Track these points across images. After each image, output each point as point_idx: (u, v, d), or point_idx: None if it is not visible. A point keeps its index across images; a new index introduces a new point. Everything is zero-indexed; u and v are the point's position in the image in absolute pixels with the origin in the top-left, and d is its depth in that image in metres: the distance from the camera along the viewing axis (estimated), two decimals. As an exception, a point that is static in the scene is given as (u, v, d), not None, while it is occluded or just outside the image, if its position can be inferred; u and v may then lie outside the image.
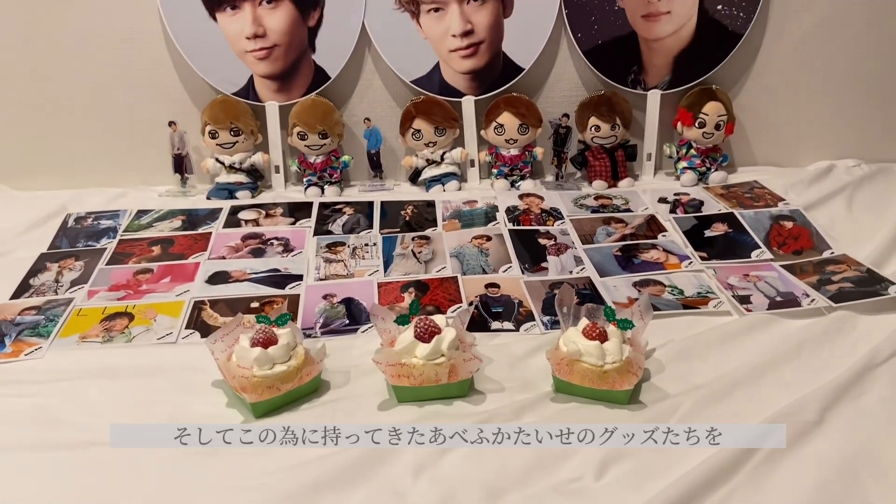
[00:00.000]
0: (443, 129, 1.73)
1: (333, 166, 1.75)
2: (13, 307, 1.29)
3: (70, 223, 1.60)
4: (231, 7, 1.63)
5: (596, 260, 1.42)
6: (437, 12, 1.66)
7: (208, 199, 1.72)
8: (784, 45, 1.72)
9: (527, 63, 1.71)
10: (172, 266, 1.42)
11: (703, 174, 1.74)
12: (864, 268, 1.33)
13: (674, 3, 1.65)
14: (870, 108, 1.78)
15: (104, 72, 1.69)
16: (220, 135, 1.69)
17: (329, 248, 1.49)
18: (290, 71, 1.70)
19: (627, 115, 1.73)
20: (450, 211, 1.64)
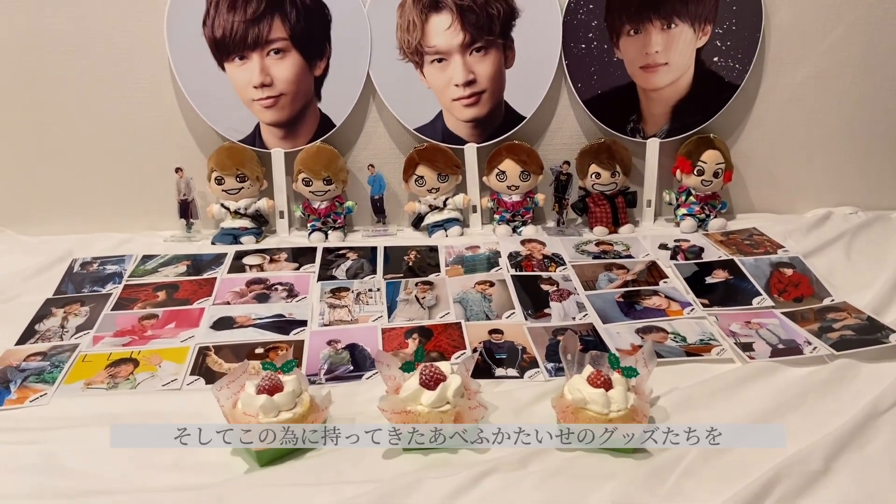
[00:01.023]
0: (445, 176, 1.75)
1: (337, 212, 1.77)
2: (19, 353, 1.29)
3: (76, 268, 1.61)
4: (239, 57, 1.67)
5: (598, 306, 1.43)
6: (440, 63, 1.70)
7: (213, 244, 1.73)
8: (779, 95, 1.76)
9: (528, 112, 1.75)
10: (177, 311, 1.43)
11: (702, 221, 1.76)
12: (865, 315, 1.34)
13: (671, 54, 1.69)
14: (865, 156, 1.82)
15: (112, 117, 1.73)
16: (226, 181, 1.72)
17: (333, 294, 1.50)
18: (296, 119, 1.74)
19: (627, 162, 1.76)
20: (453, 256, 1.66)
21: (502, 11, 1.66)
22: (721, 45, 1.69)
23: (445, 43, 1.68)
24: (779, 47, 1.71)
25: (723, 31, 1.67)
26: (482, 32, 1.67)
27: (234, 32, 1.64)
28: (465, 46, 1.68)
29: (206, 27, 1.64)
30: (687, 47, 1.69)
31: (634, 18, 1.67)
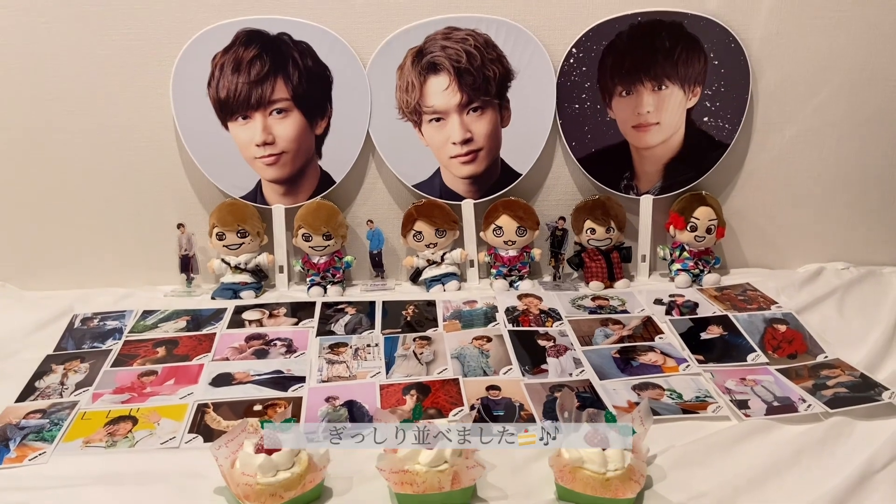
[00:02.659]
0: (443, 231, 1.78)
1: (336, 266, 1.79)
2: (18, 410, 1.30)
3: (76, 324, 1.62)
4: (243, 117, 1.71)
5: (595, 362, 1.44)
6: (438, 122, 1.75)
7: (213, 298, 1.75)
8: (768, 154, 1.80)
9: (524, 169, 1.79)
10: (176, 368, 1.44)
11: (696, 276, 1.79)
12: (858, 373, 1.36)
13: (662, 115, 1.74)
14: (854, 213, 1.85)
15: (116, 174, 1.76)
16: (227, 237, 1.74)
17: (331, 349, 1.51)
18: (297, 176, 1.77)
19: (621, 218, 1.79)
20: (450, 311, 1.68)
21: (498, 73, 1.72)
22: (710, 105, 1.74)
23: (443, 103, 1.72)
24: (767, 108, 1.76)
25: (712, 93, 1.73)
26: (479, 93, 1.72)
27: (237, 93, 1.69)
28: (463, 106, 1.73)
29: (210, 88, 1.69)
30: (677, 108, 1.74)
31: (626, 80, 1.72)
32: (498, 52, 1.70)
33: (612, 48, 1.70)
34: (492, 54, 1.70)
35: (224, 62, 1.67)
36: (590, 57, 1.71)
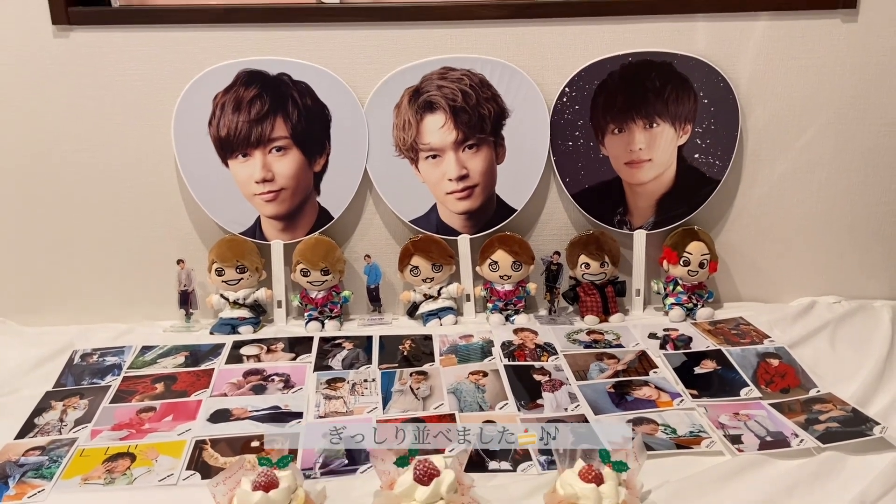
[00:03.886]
0: (440, 266, 1.80)
1: (334, 301, 1.81)
2: (18, 447, 1.30)
3: (76, 360, 1.64)
4: (243, 154, 1.74)
5: (590, 397, 1.46)
6: (434, 159, 1.78)
7: (211, 333, 1.76)
8: (759, 189, 1.84)
9: (519, 204, 1.82)
10: (175, 404, 1.45)
11: (690, 310, 1.81)
12: (850, 407, 1.37)
13: (654, 151, 1.78)
14: (844, 247, 1.88)
15: (116, 210, 1.78)
16: (227, 272, 1.76)
17: (329, 385, 1.52)
18: (296, 212, 1.80)
19: (615, 253, 1.81)
20: (447, 345, 1.69)
21: (493, 111, 1.75)
22: (701, 142, 1.77)
23: (439, 140, 1.76)
24: (756, 145, 1.80)
25: (702, 130, 1.77)
26: (474, 131, 1.76)
27: (238, 132, 1.72)
28: (458, 144, 1.76)
29: (211, 127, 1.72)
30: (669, 145, 1.78)
31: (618, 118, 1.76)
32: (493, 91, 1.74)
33: (604, 87, 1.74)
34: (487, 93, 1.74)
35: (225, 101, 1.71)
36: (582, 96, 1.75)
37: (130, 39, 1.66)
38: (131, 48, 1.67)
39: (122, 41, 1.67)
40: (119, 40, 1.66)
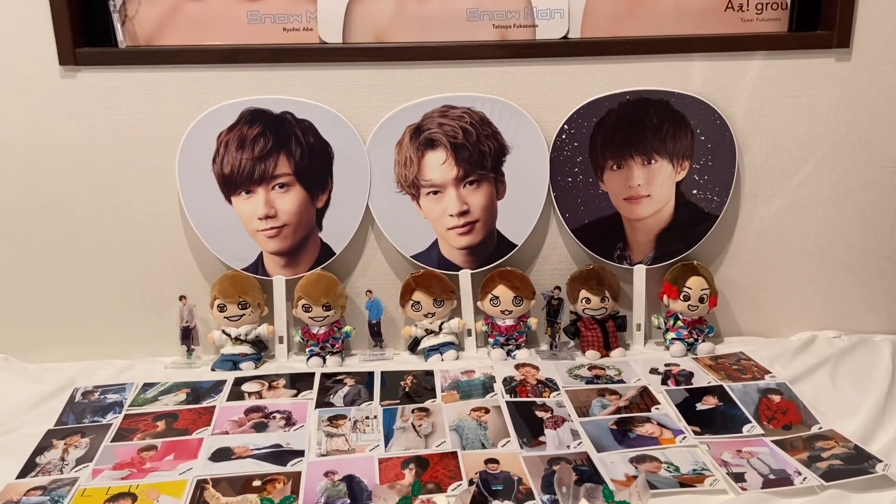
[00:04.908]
0: (441, 301, 1.81)
1: (336, 337, 1.81)
2: (19, 487, 1.30)
3: (77, 397, 1.63)
4: (246, 191, 1.76)
5: (592, 434, 1.45)
6: (435, 195, 1.80)
7: (213, 370, 1.76)
8: (757, 225, 1.85)
9: (519, 239, 1.83)
10: (176, 442, 1.45)
11: (691, 345, 1.81)
12: (852, 444, 1.37)
13: (652, 187, 1.80)
14: (843, 282, 1.89)
15: (119, 246, 1.79)
16: (229, 308, 1.77)
17: (330, 422, 1.52)
18: (298, 248, 1.81)
19: (616, 287, 1.82)
20: (448, 381, 1.69)
21: (493, 148, 1.78)
22: (699, 178, 1.80)
23: (440, 177, 1.78)
24: (754, 181, 1.82)
25: (700, 166, 1.79)
26: (475, 167, 1.78)
27: (241, 169, 1.74)
28: (459, 180, 1.78)
29: (215, 164, 1.74)
30: (667, 181, 1.80)
31: (616, 155, 1.78)
32: (493, 128, 1.77)
33: (602, 125, 1.77)
34: (487, 130, 1.77)
35: (229, 139, 1.73)
36: (581, 133, 1.77)
37: (136, 79, 1.69)
38: (137, 88, 1.70)
39: (129, 81, 1.69)
40: (125, 80, 1.69)
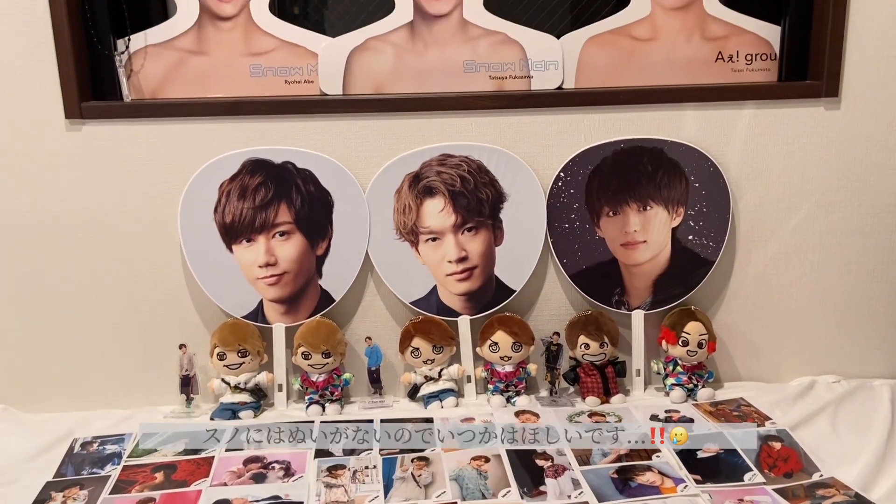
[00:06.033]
0: (440, 347, 1.82)
1: (335, 384, 1.81)
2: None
3: (76, 448, 1.62)
4: (247, 240, 1.78)
5: (594, 483, 1.45)
6: (434, 241, 1.81)
7: (212, 419, 1.76)
8: (753, 270, 1.87)
9: (517, 285, 1.85)
10: (174, 495, 1.44)
11: (691, 391, 1.81)
12: (853, 492, 1.37)
13: (649, 233, 1.82)
14: (841, 327, 1.90)
15: (119, 296, 1.80)
16: (228, 356, 1.77)
17: (329, 472, 1.51)
18: (298, 295, 1.82)
19: (614, 333, 1.83)
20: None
21: (491, 196, 1.80)
22: (694, 224, 1.82)
23: (439, 224, 1.80)
24: (748, 227, 1.84)
25: (695, 213, 1.81)
26: (473, 214, 1.80)
27: (242, 218, 1.76)
28: (457, 227, 1.80)
29: (217, 213, 1.76)
30: (662, 227, 1.82)
31: (612, 202, 1.81)
32: (490, 176, 1.79)
33: (597, 172, 1.80)
34: (484, 178, 1.79)
35: (231, 189, 1.76)
36: (577, 180, 1.80)
37: (140, 132, 1.72)
38: (141, 140, 1.73)
39: (133, 134, 1.72)
40: (129, 133, 1.72)
